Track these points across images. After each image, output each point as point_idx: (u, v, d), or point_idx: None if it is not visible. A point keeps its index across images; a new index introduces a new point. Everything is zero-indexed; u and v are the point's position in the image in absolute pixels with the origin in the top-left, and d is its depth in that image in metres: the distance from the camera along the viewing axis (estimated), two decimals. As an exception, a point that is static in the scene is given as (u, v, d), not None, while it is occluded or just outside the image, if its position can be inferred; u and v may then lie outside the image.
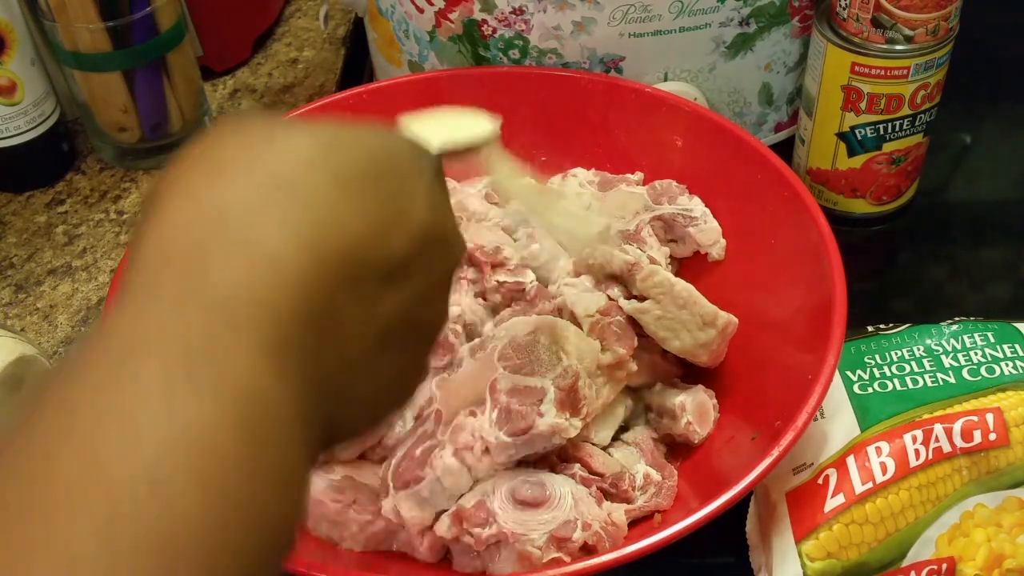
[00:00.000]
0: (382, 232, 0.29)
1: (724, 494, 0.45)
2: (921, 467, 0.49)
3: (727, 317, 0.55)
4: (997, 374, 0.53)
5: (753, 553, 0.52)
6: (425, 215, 0.31)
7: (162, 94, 0.75)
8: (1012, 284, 0.70)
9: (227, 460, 0.23)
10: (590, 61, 0.68)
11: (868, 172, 0.71)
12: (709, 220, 0.62)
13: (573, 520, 0.48)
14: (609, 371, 0.53)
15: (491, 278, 0.57)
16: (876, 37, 0.65)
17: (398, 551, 0.52)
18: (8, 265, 0.71)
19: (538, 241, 0.59)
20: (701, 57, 0.68)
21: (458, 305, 0.57)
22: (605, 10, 0.65)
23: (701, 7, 0.65)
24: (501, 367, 0.51)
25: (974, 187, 0.79)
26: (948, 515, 0.49)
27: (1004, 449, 0.50)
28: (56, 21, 0.70)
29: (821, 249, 0.55)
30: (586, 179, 0.65)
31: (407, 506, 0.48)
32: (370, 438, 0.47)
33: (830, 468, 0.50)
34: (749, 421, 0.53)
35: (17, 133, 0.74)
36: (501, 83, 0.68)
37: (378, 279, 0.29)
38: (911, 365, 0.54)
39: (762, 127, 0.74)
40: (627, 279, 0.55)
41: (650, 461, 0.54)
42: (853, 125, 0.69)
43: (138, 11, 0.71)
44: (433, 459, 0.48)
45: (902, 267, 0.75)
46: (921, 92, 0.67)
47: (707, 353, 0.55)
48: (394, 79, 0.70)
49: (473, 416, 0.49)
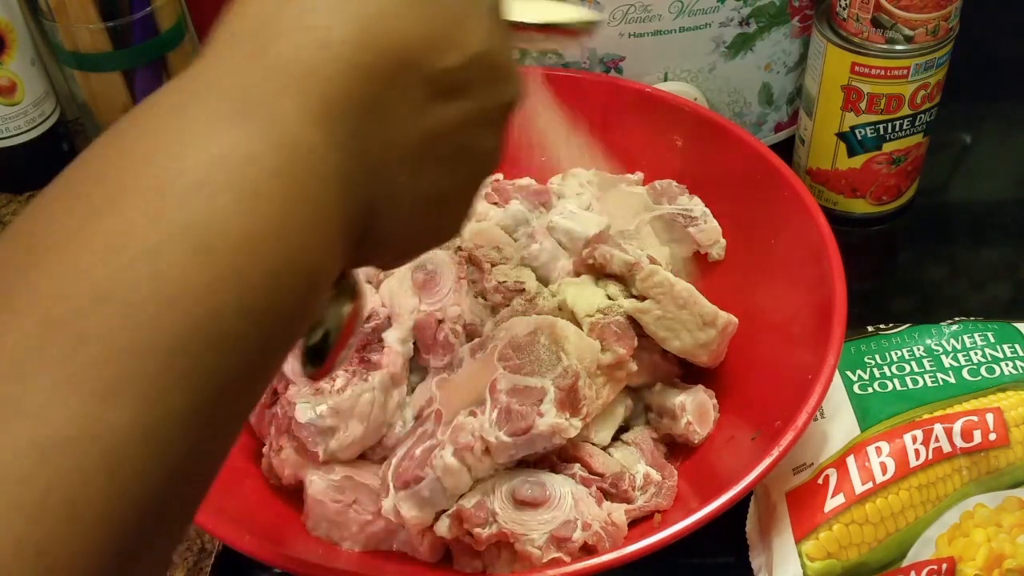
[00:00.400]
0: (437, 42, 0.30)
1: (724, 494, 0.45)
2: (921, 467, 0.49)
3: (727, 317, 0.55)
4: (997, 374, 0.53)
5: (753, 553, 0.52)
6: (483, 40, 0.32)
7: (162, 94, 0.75)
8: (1012, 284, 0.70)
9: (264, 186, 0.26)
10: (590, 61, 0.68)
11: (868, 172, 0.71)
12: (709, 220, 0.62)
13: (573, 520, 0.48)
14: (609, 371, 0.53)
15: (491, 278, 0.57)
16: (876, 37, 0.65)
17: (398, 551, 0.52)
18: (8, 265, 0.71)
19: (538, 241, 0.59)
20: (701, 57, 0.68)
21: (458, 305, 0.57)
22: (605, 10, 0.65)
23: (701, 7, 0.65)
24: (501, 367, 0.51)
25: (974, 187, 0.79)
26: (948, 515, 0.49)
27: (1004, 449, 0.50)
28: (56, 21, 0.70)
29: (821, 249, 0.55)
30: (586, 179, 0.65)
31: (407, 506, 0.48)
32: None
33: (830, 468, 0.50)
34: (749, 421, 0.53)
35: (17, 133, 0.74)
36: (501, 83, 0.67)
37: (427, 86, 0.30)
38: (911, 365, 0.54)
39: (762, 127, 0.74)
40: (627, 279, 0.55)
41: (650, 461, 0.54)
42: (853, 125, 0.69)
43: (138, 11, 0.71)
44: (433, 459, 0.48)
45: (902, 267, 0.75)
46: (921, 92, 0.67)
47: (707, 353, 0.55)
48: (394, 79, 0.70)
49: (473, 416, 0.49)
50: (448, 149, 0.32)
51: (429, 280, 0.56)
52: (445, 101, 0.31)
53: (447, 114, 0.31)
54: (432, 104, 0.31)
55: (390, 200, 0.31)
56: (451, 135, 0.32)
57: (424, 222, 0.34)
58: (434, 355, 0.55)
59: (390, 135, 0.30)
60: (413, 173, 0.31)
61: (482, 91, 0.32)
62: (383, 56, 0.29)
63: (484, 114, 0.33)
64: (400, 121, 0.30)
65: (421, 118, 0.31)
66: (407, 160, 0.31)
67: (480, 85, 0.32)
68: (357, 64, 0.28)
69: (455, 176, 0.34)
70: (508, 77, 0.34)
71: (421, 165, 0.32)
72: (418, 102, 0.30)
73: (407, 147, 0.31)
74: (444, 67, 0.30)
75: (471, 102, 0.32)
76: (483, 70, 0.32)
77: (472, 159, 0.34)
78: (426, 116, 0.31)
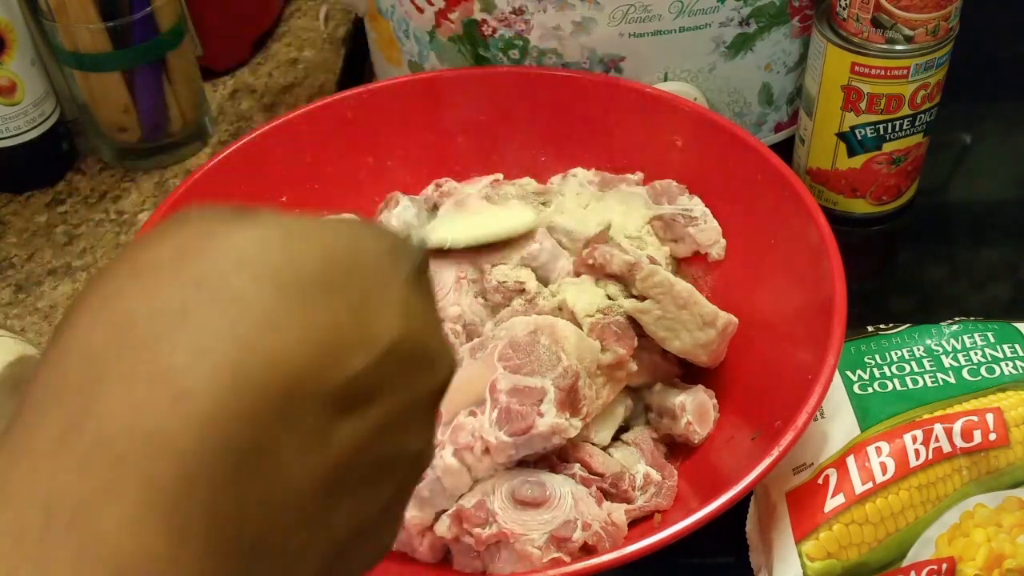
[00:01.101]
0: (334, 351, 0.23)
1: (724, 494, 0.45)
2: (921, 467, 0.49)
3: (727, 317, 0.55)
4: (997, 374, 0.53)
5: (753, 553, 0.52)
6: (396, 329, 0.25)
7: (162, 94, 0.75)
8: (1012, 284, 0.70)
9: None
10: (590, 61, 0.68)
11: (868, 172, 0.71)
12: (709, 220, 0.62)
13: (573, 520, 0.48)
14: (609, 371, 0.53)
15: (491, 278, 0.57)
16: (876, 37, 0.65)
17: (398, 551, 0.52)
18: (8, 265, 0.71)
19: (538, 241, 0.59)
20: (701, 57, 0.68)
21: (458, 305, 0.57)
22: (605, 10, 0.65)
23: (701, 7, 0.65)
24: (501, 367, 0.51)
25: (974, 187, 0.79)
26: (948, 515, 0.49)
27: (1004, 449, 0.50)
28: (56, 21, 0.70)
29: (821, 249, 0.55)
30: (586, 179, 0.65)
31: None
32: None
33: (830, 468, 0.50)
34: (749, 421, 0.53)
35: (17, 133, 0.74)
36: (501, 83, 0.68)
37: (329, 407, 0.23)
38: (911, 365, 0.54)
39: (762, 127, 0.74)
40: (627, 279, 0.55)
41: (650, 461, 0.54)
42: (853, 125, 0.69)
43: (138, 11, 0.71)
44: (433, 459, 0.48)
45: (902, 267, 0.75)
46: (921, 92, 0.67)
47: (707, 353, 0.55)
48: (394, 79, 0.70)
49: (473, 416, 0.49)
50: (365, 470, 0.25)
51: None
52: (354, 415, 0.24)
53: (358, 430, 0.24)
54: (337, 425, 0.23)
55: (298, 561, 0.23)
56: (367, 451, 0.24)
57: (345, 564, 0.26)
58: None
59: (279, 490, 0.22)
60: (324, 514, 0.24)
61: (401, 387, 0.25)
62: (265, 387, 0.22)
63: (406, 412, 0.26)
64: (294, 466, 0.22)
65: (322, 447, 0.23)
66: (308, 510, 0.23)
67: (398, 380, 0.25)
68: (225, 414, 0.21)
69: (378, 497, 0.26)
70: (433, 359, 0.27)
71: (334, 501, 0.24)
72: (318, 431, 0.23)
73: (307, 491, 0.23)
74: (347, 376, 0.23)
75: (388, 405, 0.25)
76: (400, 362, 0.25)
77: (397, 468, 0.26)
78: (330, 444, 0.23)
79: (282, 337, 0.22)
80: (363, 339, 0.24)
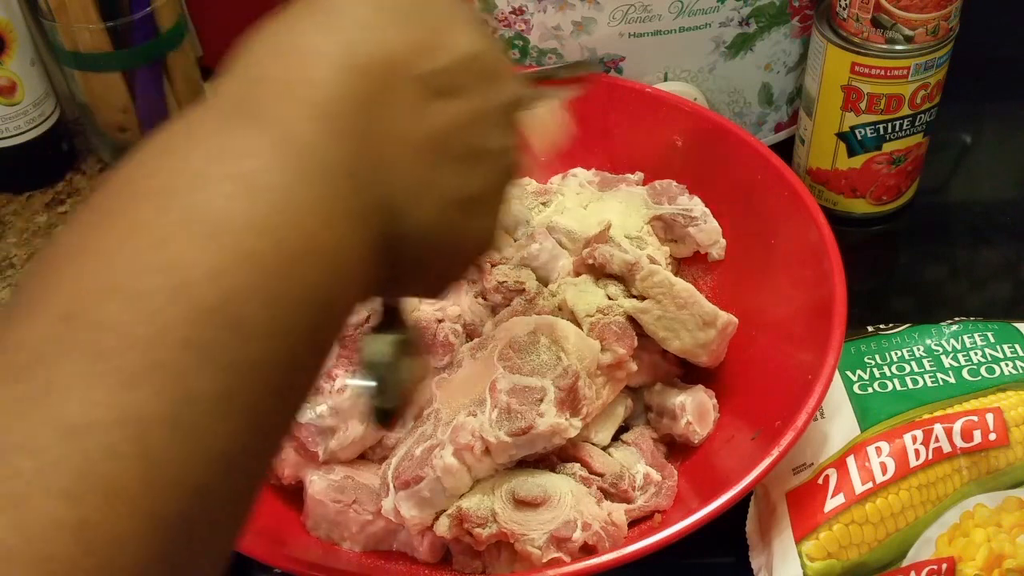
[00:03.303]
0: (422, 47, 0.32)
1: (724, 494, 0.45)
2: (921, 467, 0.49)
3: (727, 317, 0.55)
4: (997, 374, 0.53)
5: (753, 553, 0.52)
6: (470, 43, 0.33)
7: (162, 94, 0.75)
8: (1012, 284, 0.70)
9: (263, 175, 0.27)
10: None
11: (868, 172, 0.71)
12: (709, 220, 0.62)
13: (573, 520, 0.48)
14: (609, 371, 0.53)
15: (491, 278, 0.57)
16: (876, 37, 0.65)
17: (398, 551, 0.52)
18: (8, 265, 0.71)
19: (538, 241, 0.59)
20: (701, 57, 0.68)
21: (458, 305, 0.57)
22: (605, 10, 0.65)
23: (701, 7, 0.65)
24: (501, 367, 0.51)
25: (974, 187, 0.79)
26: (948, 515, 0.49)
27: (1004, 449, 0.50)
28: (56, 21, 0.70)
29: (821, 249, 0.55)
30: (586, 179, 0.65)
31: (407, 506, 0.48)
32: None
33: (830, 468, 0.50)
34: (749, 421, 0.53)
35: (17, 133, 0.74)
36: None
37: (421, 86, 0.31)
38: (911, 365, 0.54)
39: (762, 127, 0.74)
40: (627, 279, 0.55)
41: (650, 461, 0.54)
42: (853, 125, 0.69)
43: (138, 11, 0.71)
44: (433, 459, 0.48)
45: (902, 267, 0.75)
46: (921, 92, 0.67)
47: (707, 353, 0.55)
48: (394, 79, 0.70)
49: (473, 416, 0.49)
50: (460, 148, 0.33)
51: (429, 280, 0.56)
52: (442, 100, 0.32)
53: (447, 112, 0.32)
54: (430, 103, 0.32)
55: (410, 198, 0.32)
56: (457, 134, 0.33)
57: (453, 228, 0.34)
58: (434, 355, 0.55)
59: (391, 132, 0.31)
60: (429, 169, 0.32)
61: (477, 91, 0.33)
62: (371, 59, 0.30)
63: (485, 114, 0.34)
64: (399, 119, 0.31)
65: (421, 116, 0.32)
66: (418, 157, 0.32)
67: (474, 85, 0.33)
68: (348, 68, 0.30)
69: (475, 176, 0.34)
70: (501, 77, 0.35)
71: (436, 163, 0.32)
72: (414, 101, 0.31)
73: (413, 144, 0.31)
74: (434, 68, 0.32)
75: (468, 102, 0.33)
76: (475, 71, 0.33)
77: (487, 159, 0.34)
78: (426, 114, 0.32)
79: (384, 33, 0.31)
80: (446, 45, 0.32)
